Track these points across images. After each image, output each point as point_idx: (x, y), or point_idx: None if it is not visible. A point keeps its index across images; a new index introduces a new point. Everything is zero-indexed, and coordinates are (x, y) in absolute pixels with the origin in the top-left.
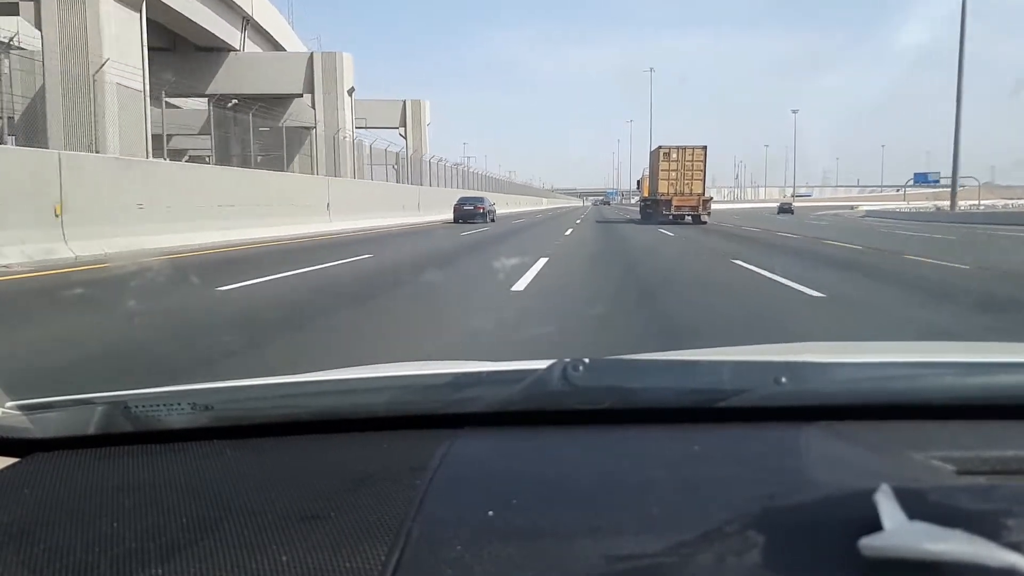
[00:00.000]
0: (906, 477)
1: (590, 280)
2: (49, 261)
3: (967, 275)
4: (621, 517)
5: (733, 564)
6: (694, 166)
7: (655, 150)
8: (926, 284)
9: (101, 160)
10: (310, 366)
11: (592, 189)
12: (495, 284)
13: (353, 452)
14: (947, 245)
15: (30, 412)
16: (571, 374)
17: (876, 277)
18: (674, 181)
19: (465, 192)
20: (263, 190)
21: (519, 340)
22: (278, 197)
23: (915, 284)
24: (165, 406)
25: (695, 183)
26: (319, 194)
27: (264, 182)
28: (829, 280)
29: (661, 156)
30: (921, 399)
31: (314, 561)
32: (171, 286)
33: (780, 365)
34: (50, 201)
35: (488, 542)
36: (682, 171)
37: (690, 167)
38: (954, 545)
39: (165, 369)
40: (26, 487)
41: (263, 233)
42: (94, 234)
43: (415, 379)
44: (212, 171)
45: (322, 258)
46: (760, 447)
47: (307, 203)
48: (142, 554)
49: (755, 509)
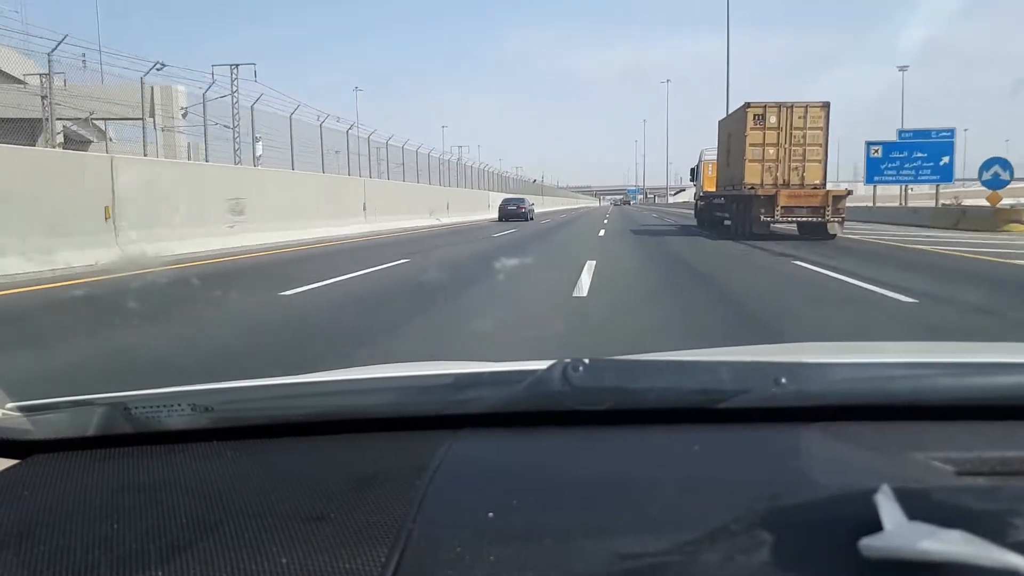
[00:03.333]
0: (906, 478)
1: None
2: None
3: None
4: (621, 517)
5: (733, 564)
6: (809, 137)
7: (738, 111)
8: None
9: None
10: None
11: (609, 187)
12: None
13: (353, 453)
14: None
15: (30, 413)
16: (571, 375)
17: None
18: (773, 164)
19: (507, 194)
20: (301, 191)
21: None
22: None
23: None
24: (165, 407)
25: (812, 166)
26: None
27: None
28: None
29: (750, 121)
30: (921, 400)
31: (314, 562)
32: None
33: (780, 366)
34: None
35: (488, 543)
36: (789, 146)
37: (801, 139)
38: (954, 546)
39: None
40: (26, 488)
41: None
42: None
43: (415, 380)
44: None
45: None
46: (760, 448)
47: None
48: (142, 555)
49: (755, 510)
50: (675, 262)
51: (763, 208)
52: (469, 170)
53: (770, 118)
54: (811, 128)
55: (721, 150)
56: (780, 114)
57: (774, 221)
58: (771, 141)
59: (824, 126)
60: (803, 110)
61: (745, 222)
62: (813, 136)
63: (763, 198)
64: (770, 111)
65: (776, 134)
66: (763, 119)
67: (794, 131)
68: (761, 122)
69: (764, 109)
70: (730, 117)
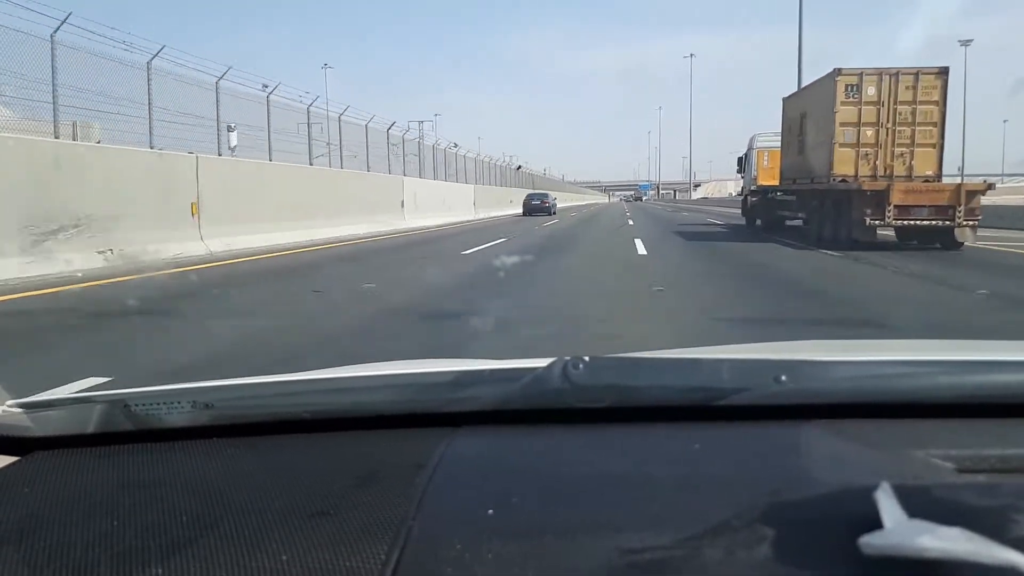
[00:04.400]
0: (906, 475)
1: None
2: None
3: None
4: (621, 515)
5: (733, 561)
6: (920, 114)
7: (820, 82)
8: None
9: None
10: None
11: (618, 182)
12: None
13: (353, 450)
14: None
15: (30, 410)
16: (571, 372)
17: None
18: (872, 149)
19: (531, 189)
20: (343, 190)
21: None
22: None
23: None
24: (165, 404)
25: (923, 153)
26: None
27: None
28: None
29: (841, 93)
30: (921, 397)
31: (314, 559)
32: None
33: (780, 363)
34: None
35: (488, 540)
36: (893, 126)
37: (910, 116)
38: (954, 543)
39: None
40: (26, 485)
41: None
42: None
43: (415, 377)
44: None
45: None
46: (760, 445)
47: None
48: (142, 552)
49: (755, 507)
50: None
51: (868, 207)
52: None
53: (867, 89)
54: (923, 102)
55: (789, 134)
56: (881, 84)
57: (884, 224)
58: (869, 120)
59: (941, 99)
60: (912, 78)
61: (839, 225)
62: (926, 112)
63: (869, 194)
64: (868, 80)
65: (876, 111)
66: (859, 90)
67: (900, 106)
68: (856, 94)
69: (860, 77)
70: (806, 91)
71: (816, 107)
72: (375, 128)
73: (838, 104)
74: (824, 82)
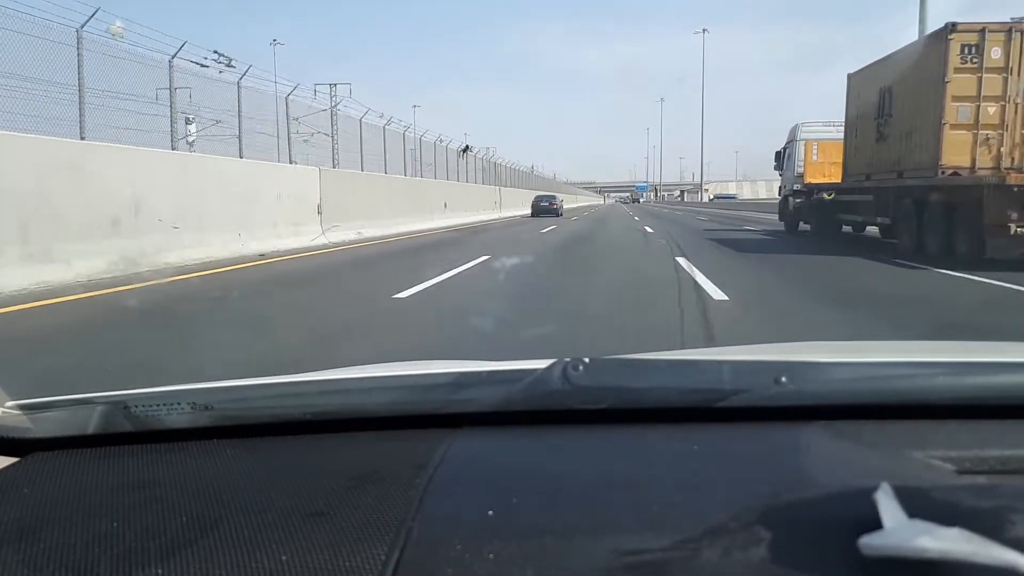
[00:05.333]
0: (906, 476)
1: None
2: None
3: None
4: (621, 516)
5: (733, 562)
6: None
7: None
8: None
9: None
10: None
11: (614, 183)
12: None
13: (353, 451)
14: None
15: (30, 412)
16: (571, 374)
17: None
18: (995, 132)
19: (540, 191)
20: (411, 192)
21: None
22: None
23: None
24: (165, 406)
25: None
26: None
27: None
28: None
29: (955, 57)
30: (921, 399)
31: (314, 560)
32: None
33: (780, 365)
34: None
35: (488, 541)
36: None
37: None
38: (954, 544)
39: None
40: (26, 486)
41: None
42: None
43: (415, 379)
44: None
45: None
46: (760, 446)
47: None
48: (142, 553)
49: (755, 508)
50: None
51: (1015, 209)
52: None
53: (991, 51)
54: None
55: (861, 119)
56: (1011, 44)
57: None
58: (993, 92)
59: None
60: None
61: (953, 234)
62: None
63: (1016, 191)
64: (992, 38)
65: (1003, 80)
66: (979, 52)
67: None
68: (976, 58)
69: (982, 34)
70: (890, 60)
71: (910, 79)
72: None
73: (950, 72)
74: (929, 44)
